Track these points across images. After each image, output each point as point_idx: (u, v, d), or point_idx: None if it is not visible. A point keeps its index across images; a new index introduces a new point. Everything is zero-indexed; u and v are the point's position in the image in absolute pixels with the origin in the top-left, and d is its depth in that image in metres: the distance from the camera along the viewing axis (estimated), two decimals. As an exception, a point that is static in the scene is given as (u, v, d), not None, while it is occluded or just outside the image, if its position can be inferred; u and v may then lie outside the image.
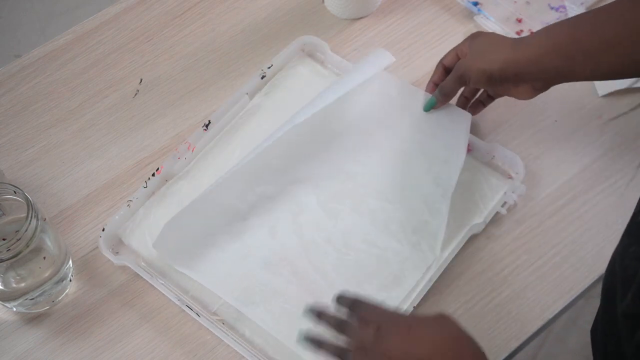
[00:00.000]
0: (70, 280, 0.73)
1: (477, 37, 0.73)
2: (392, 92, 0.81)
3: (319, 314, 0.61)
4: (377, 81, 0.81)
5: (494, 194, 0.77)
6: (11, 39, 1.93)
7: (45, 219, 0.68)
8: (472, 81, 0.73)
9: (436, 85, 0.78)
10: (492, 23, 0.87)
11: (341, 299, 0.61)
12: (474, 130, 0.80)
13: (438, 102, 0.77)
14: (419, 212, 0.74)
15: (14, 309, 0.71)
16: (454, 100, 0.79)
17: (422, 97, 0.80)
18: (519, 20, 0.88)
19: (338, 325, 0.59)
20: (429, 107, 0.78)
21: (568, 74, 0.69)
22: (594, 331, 0.65)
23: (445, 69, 0.77)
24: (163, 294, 0.71)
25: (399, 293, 0.71)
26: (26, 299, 0.69)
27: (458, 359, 0.53)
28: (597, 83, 0.84)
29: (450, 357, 0.53)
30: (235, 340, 0.68)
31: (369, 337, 0.55)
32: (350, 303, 0.60)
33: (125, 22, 0.91)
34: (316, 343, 0.60)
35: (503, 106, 0.83)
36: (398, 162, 0.78)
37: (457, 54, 0.75)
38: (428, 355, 0.52)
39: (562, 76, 0.70)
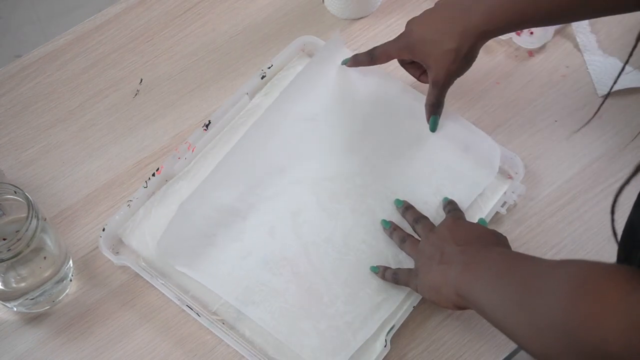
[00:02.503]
0: (71, 280, 0.73)
1: (419, 41, 0.74)
2: (392, 92, 0.81)
3: (406, 207, 0.74)
4: (378, 81, 0.81)
5: (494, 194, 0.77)
6: (12, 39, 1.93)
7: (45, 218, 0.68)
8: (453, 79, 0.76)
9: None
10: (492, 23, 0.87)
11: (407, 211, 0.74)
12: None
13: (437, 116, 0.78)
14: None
15: (15, 309, 0.71)
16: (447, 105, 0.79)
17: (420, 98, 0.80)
18: (519, 20, 0.88)
19: (415, 220, 0.73)
20: (435, 126, 0.79)
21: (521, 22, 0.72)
22: None
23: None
24: (163, 294, 0.71)
25: (398, 293, 0.71)
26: (26, 299, 0.69)
27: (490, 236, 0.67)
28: (597, 83, 0.84)
29: (485, 234, 0.67)
30: (235, 340, 0.68)
31: (427, 238, 0.69)
32: (415, 217, 0.73)
33: (125, 22, 0.91)
34: (392, 227, 0.74)
35: (503, 106, 0.83)
36: (399, 163, 0.78)
37: (396, 58, 0.78)
38: (467, 234, 0.67)
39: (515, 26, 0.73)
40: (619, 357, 0.46)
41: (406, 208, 0.74)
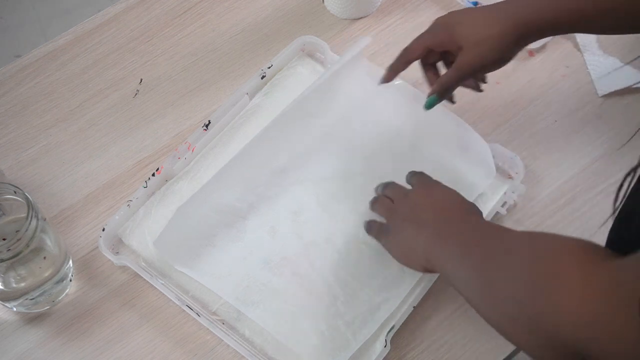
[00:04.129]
0: (71, 280, 0.73)
1: (459, 23, 0.70)
2: (392, 94, 0.81)
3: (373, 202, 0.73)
4: (373, 80, 0.81)
5: (494, 194, 0.77)
6: (12, 39, 1.93)
7: (45, 218, 0.68)
8: (478, 72, 0.72)
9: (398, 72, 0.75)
10: (492, 23, 0.87)
11: (379, 186, 0.73)
12: (474, 130, 0.80)
13: (439, 99, 0.74)
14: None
15: (14, 309, 0.71)
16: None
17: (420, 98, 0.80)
18: (519, 20, 0.88)
19: (385, 185, 0.73)
20: (430, 106, 0.74)
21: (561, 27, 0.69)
22: None
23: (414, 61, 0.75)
24: (163, 294, 0.71)
25: (399, 293, 0.71)
26: (26, 299, 0.69)
27: (465, 204, 0.67)
28: (597, 83, 0.84)
29: (460, 202, 0.67)
30: (235, 340, 0.68)
31: (400, 200, 0.69)
32: (384, 184, 0.73)
33: (125, 22, 0.91)
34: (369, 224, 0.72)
35: (503, 106, 0.83)
36: (399, 164, 0.78)
37: (430, 46, 0.73)
38: (443, 199, 0.67)
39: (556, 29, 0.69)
40: (571, 333, 0.46)
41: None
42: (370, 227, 0.72)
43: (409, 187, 0.71)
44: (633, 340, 0.37)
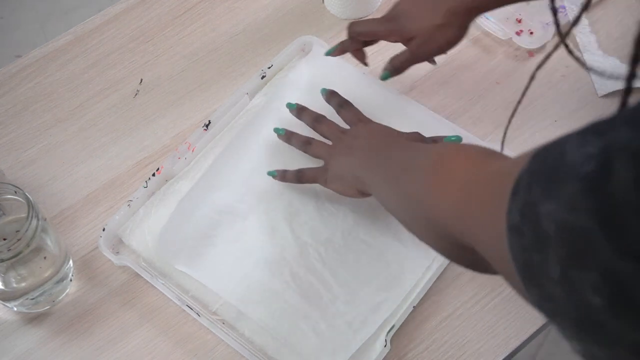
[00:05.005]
0: (71, 280, 0.73)
1: (405, 16, 0.74)
2: (382, 95, 0.82)
3: (300, 109, 0.77)
4: (367, 83, 0.82)
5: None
6: (12, 39, 1.93)
7: (45, 218, 0.68)
8: (433, 56, 0.76)
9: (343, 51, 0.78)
10: (491, 23, 0.87)
11: (332, 96, 0.77)
12: (474, 130, 0.80)
13: (392, 76, 0.77)
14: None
15: (15, 309, 0.71)
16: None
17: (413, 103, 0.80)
18: (519, 21, 0.88)
19: (316, 119, 0.75)
20: (385, 79, 0.77)
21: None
22: None
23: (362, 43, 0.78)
24: (163, 294, 0.71)
25: (398, 293, 0.71)
26: (27, 299, 0.69)
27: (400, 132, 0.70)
28: (597, 83, 0.84)
29: (395, 131, 0.71)
30: (235, 340, 0.68)
31: (338, 140, 0.72)
32: (340, 102, 0.76)
33: (125, 22, 0.91)
34: (287, 134, 0.76)
35: (503, 106, 0.83)
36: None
37: (379, 38, 0.77)
38: (379, 130, 0.70)
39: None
40: (453, 226, 0.47)
41: (330, 94, 0.77)
42: (302, 175, 0.73)
43: (340, 122, 0.75)
44: (499, 231, 0.37)
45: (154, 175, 0.77)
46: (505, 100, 0.83)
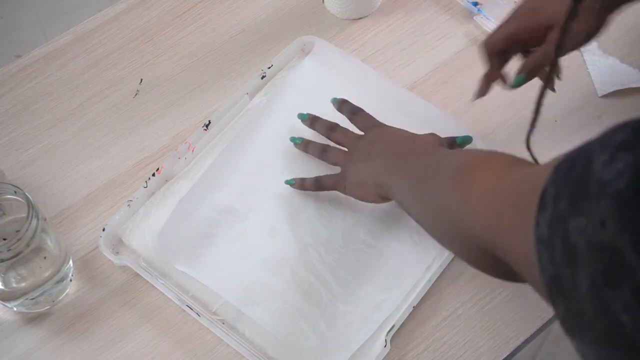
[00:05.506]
0: (71, 280, 0.73)
1: (543, 7, 0.66)
2: (385, 94, 0.81)
3: (313, 119, 0.77)
4: (371, 83, 0.82)
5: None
6: (12, 39, 1.93)
7: (45, 218, 0.68)
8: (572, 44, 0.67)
9: (490, 80, 0.71)
10: (492, 23, 0.87)
11: (343, 104, 0.76)
12: (474, 130, 0.80)
13: (529, 78, 0.70)
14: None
15: (15, 309, 0.71)
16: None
17: (420, 101, 0.80)
18: (519, 20, 0.88)
19: (330, 127, 0.75)
20: (517, 85, 0.70)
21: None
22: None
23: (498, 54, 0.70)
24: (163, 294, 0.71)
25: (399, 293, 0.71)
26: (26, 299, 0.69)
27: (417, 135, 0.68)
28: (597, 83, 0.84)
29: (412, 135, 0.68)
30: (235, 340, 0.68)
31: (354, 146, 0.71)
32: (352, 109, 0.75)
33: (125, 22, 0.91)
34: (304, 143, 0.76)
35: (503, 106, 0.83)
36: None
37: (514, 33, 0.68)
38: (395, 134, 0.69)
39: None
40: (482, 238, 0.47)
41: (342, 103, 0.77)
42: (320, 183, 0.73)
43: (355, 129, 0.74)
44: (527, 243, 0.36)
45: (153, 175, 0.77)
46: (506, 100, 0.83)
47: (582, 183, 0.32)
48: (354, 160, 0.70)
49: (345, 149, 0.74)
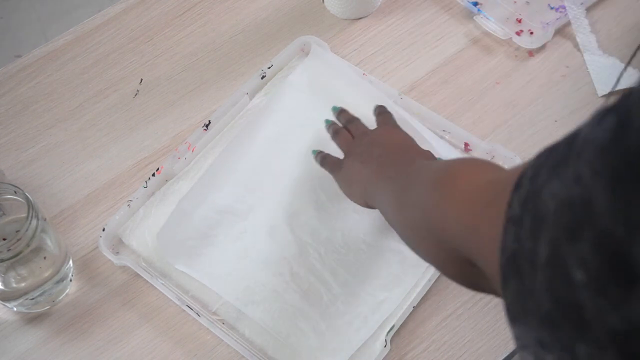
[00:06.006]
0: (71, 280, 0.73)
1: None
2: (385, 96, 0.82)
3: (341, 110, 0.77)
4: (369, 87, 0.82)
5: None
6: (12, 39, 1.93)
7: (45, 218, 0.68)
8: None
9: None
10: (491, 23, 0.87)
11: (340, 113, 0.77)
12: (474, 130, 0.80)
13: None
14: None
15: (14, 309, 0.71)
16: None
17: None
18: (519, 21, 0.88)
19: (350, 120, 0.75)
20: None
21: None
22: None
23: None
24: (163, 294, 0.71)
25: (399, 293, 0.71)
26: (26, 299, 0.69)
27: (418, 149, 0.67)
28: (597, 83, 0.84)
29: (414, 146, 0.68)
30: (235, 340, 0.68)
31: (359, 138, 0.71)
32: (347, 119, 0.76)
33: (125, 22, 0.91)
34: (333, 125, 0.76)
35: (503, 106, 0.83)
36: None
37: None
38: (397, 141, 0.68)
39: None
40: (456, 241, 0.46)
41: (340, 111, 0.77)
42: (324, 160, 0.74)
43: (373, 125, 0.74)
44: (495, 234, 0.35)
45: (153, 175, 0.77)
46: (506, 100, 0.83)
47: (565, 153, 0.31)
48: (353, 154, 0.70)
49: (352, 136, 0.73)
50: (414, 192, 0.54)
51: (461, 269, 0.46)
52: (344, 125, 0.76)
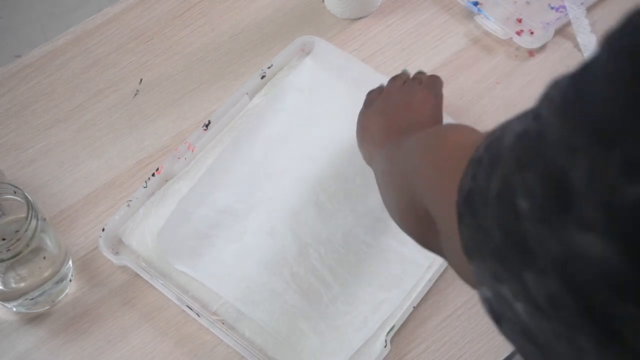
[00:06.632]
0: (70, 280, 0.73)
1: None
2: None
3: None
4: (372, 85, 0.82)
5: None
6: (11, 39, 1.93)
7: (45, 218, 0.68)
8: None
9: None
10: (492, 23, 0.87)
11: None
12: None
13: None
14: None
15: (14, 309, 0.71)
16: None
17: None
18: (519, 21, 0.88)
19: (398, 76, 0.73)
20: None
21: None
22: None
23: None
24: (163, 294, 0.71)
25: (399, 293, 0.71)
26: (26, 299, 0.69)
27: (433, 118, 0.66)
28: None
29: (431, 115, 0.66)
30: (235, 340, 0.68)
31: (397, 85, 0.70)
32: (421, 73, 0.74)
33: (125, 22, 0.91)
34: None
35: (503, 106, 0.83)
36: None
37: None
38: (418, 104, 0.66)
39: None
40: (420, 198, 0.46)
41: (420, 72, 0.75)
42: (372, 91, 0.72)
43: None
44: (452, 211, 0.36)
45: (153, 175, 0.77)
46: (506, 100, 0.83)
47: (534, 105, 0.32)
48: (381, 99, 0.69)
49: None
50: (403, 156, 0.54)
51: (431, 232, 0.47)
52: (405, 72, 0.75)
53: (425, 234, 0.48)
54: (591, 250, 0.26)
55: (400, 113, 0.66)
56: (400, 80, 0.72)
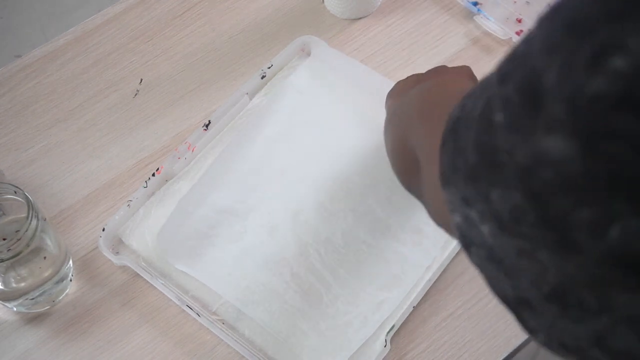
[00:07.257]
0: (71, 280, 0.73)
1: None
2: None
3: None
4: (373, 84, 0.81)
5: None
6: (12, 39, 1.94)
7: (45, 218, 0.68)
8: None
9: None
10: (492, 23, 0.87)
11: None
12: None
13: None
14: (419, 211, 0.74)
15: (14, 309, 0.71)
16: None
17: None
18: (519, 21, 0.88)
19: None
20: None
21: None
22: None
23: None
24: (163, 294, 0.71)
25: (399, 293, 0.71)
26: (26, 299, 0.69)
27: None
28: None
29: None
30: (235, 340, 0.68)
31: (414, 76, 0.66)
32: None
33: (125, 22, 0.91)
34: None
35: (503, 106, 0.83)
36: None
37: None
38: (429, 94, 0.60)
39: None
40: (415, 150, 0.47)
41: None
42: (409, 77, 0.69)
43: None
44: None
45: (153, 175, 0.77)
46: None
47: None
48: (412, 79, 0.66)
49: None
50: (408, 99, 0.55)
51: (408, 166, 0.47)
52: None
53: (410, 177, 0.50)
54: (553, 152, 0.25)
55: (431, 74, 0.65)
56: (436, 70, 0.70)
